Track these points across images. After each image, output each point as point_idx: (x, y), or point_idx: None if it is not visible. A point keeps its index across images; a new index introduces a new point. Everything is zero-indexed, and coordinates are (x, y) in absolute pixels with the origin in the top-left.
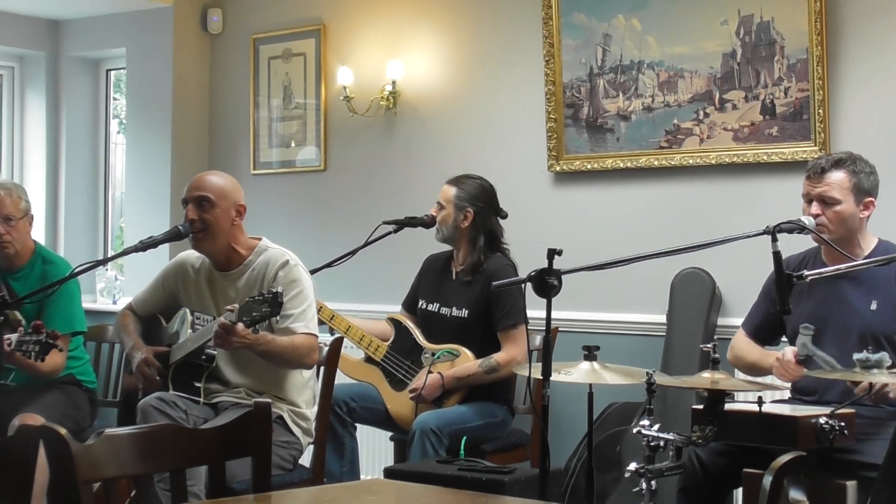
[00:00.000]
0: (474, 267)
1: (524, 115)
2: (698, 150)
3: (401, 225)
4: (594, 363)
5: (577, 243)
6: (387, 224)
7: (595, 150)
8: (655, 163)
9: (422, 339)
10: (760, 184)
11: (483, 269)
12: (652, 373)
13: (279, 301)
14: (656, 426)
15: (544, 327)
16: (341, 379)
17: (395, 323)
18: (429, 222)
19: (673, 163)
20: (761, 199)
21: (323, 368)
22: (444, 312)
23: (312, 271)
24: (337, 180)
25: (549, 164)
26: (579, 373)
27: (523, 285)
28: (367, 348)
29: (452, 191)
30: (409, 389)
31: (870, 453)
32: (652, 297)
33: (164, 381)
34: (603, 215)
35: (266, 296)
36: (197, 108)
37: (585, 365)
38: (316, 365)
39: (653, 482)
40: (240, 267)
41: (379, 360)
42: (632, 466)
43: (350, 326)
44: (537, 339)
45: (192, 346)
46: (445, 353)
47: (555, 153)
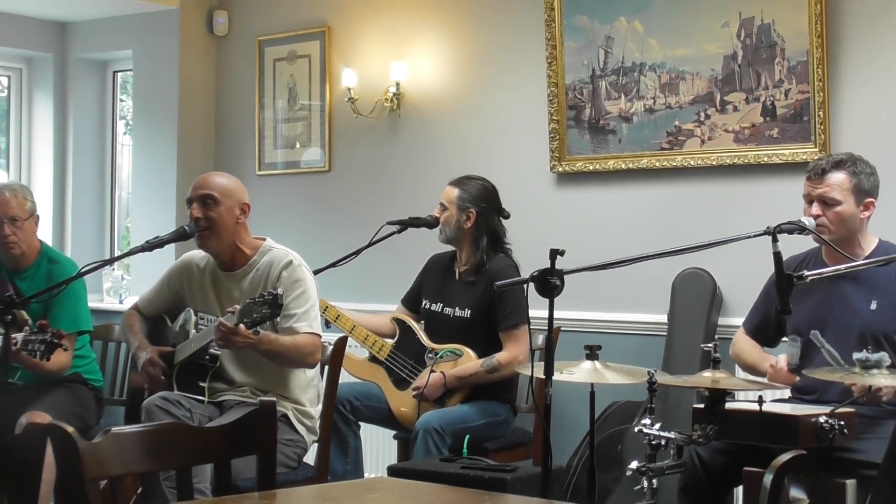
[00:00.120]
0: (477, 267)
1: (527, 116)
2: (699, 151)
3: (404, 225)
4: (596, 362)
5: (579, 244)
6: (390, 224)
7: (597, 152)
8: (657, 164)
9: (425, 338)
10: (761, 185)
11: (486, 270)
12: (653, 372)
13: (279, 302)
14: (657, 425)
15: (547, 327)
16: (345, 378)
17: (400, 323)
18: (432, 223)
19: (674, 164)
20: (762, 199)
21: (327, 367)
22: (447, 312)
23: (317, 271)
24: (341, 181)
25: (551, 164)
26: (581, 372)
27: (526, 285)
28: (371, 348)
29: (455, 192)
30: (412, 388)
31: (869, 452)
32: (653, 297)
33: (168, 380)
34: (605, 216)
35: (266, 297)
36: (203, 109)
37: (587, 364)
38: (320, 364)
39: (654, 480)
40: (244, 267)
41: (383, 360)
42: (633, 465)
43: (355, 326)
44: (540, 339)
45: (196, 346)
46: (448, 353)
47: (557, 154)
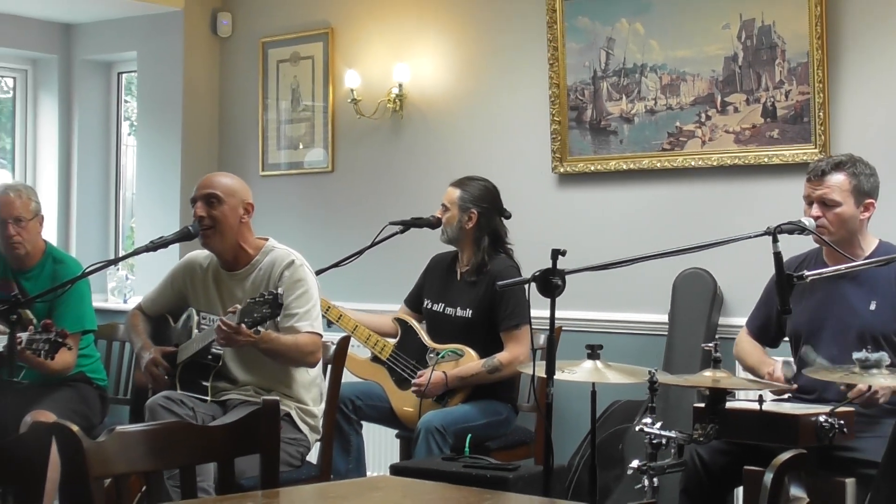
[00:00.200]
0: (478, 267)
1: (528, 117)
2: (700, 152)
3: (407, 225)
4: (597, 362)
5: (581, 244)
6: (393, 225)
7: (598, 152)
8: (658, 164)
9: (427, 339)
10: (761, 185)
11: (487, 270)
12: (654, 371)
13: (279, 302)
14: (658, 424)
15: (548, 327)
16: (347, 378)
17: (402, 323)
18: (434, 223)
19: (675, 165)
20: (762, 200)
21: (330, 367)
22: (448, 312)
23: (320, 271)
24: (344, 181)
25: (552, 165)
26: (582, 371)
27: (528, 285)
28: (373, 348)
29: (457, 193)
30: (413, 383)
31: (869, 451)
32: (654, 296)
33: (171, 380)
34: (606, 216)
35: (266, 297)
36: (207, 110)
37: (588, 364)
38: (323, 363)
39: (655, 479)
40: (247, 267)
41: (385, 360)
42: (634, 464)
43: (357, 326)
44: (541, 339)
45: (199, 345)
46: (450, 353)
47: (559, 155)
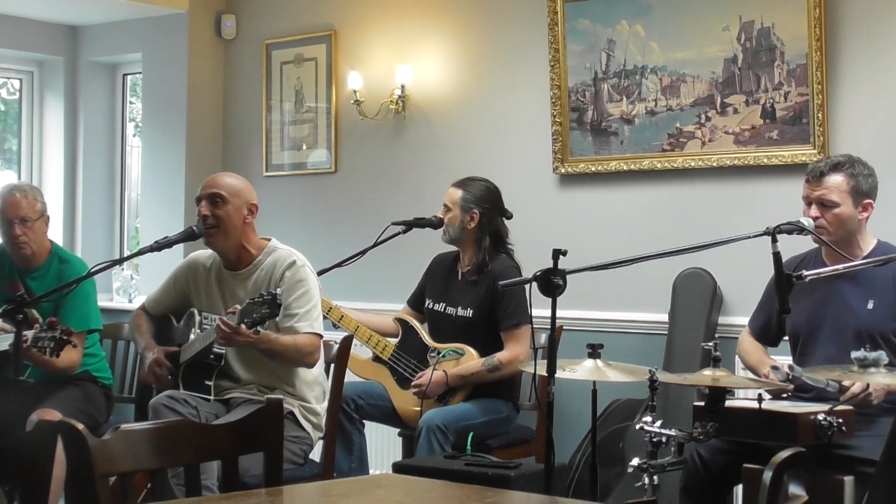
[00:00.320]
0: (479, 267)
1: (530, 118)
2: (700, 153)
3: (409, 226)
4: (598, 361)
5: (582, 244)
6: (395, 225)
7: (599, 153)
8: (658, 165)
9: (428, 338)
10: (761, 186)
11: (488, 270)
12: (654, 370)
13: (278, 302)
14: (658, 422)
15: (549, 326)
16: (349, 377)
17: (403, 323)
18: (436, 223)
19: (675, 165)
20: (761, 200)
21: (333, 366)
22: (449, 312)
23: (323, 271)
24: (347, 182)
25: (554, 166)
26: (583, 370)
27: (529, 285)
28: (374, 348)
29: (458, 193)
30: (413, 384)
31: (867, 449)
32: (654, 296)
33: (174, 380)
34: (607, 216)
35: (266, 297)
36: (211, 111)
37: (589, 362)
38: (326, 362)
39: (655, 477)
40: (249, 266)
41: (386, 360)
42: (634, 462)
43: (358, 327)
44: (542, 338)
45: (200, 345)
46: (451, 352)
47: (560, 156)
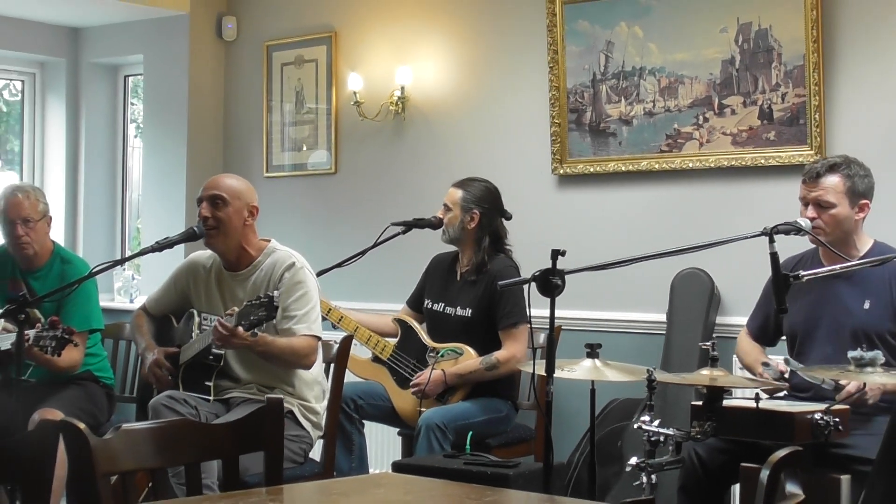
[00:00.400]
0: (478, 267)
1: (529, 119)
2: (698, 153)
3: (409, 226)
4: (596, 360)
5: (580, 244)
6: (395, 225)
7: (598, 154)
8: (656, 166)
9: (426, 338)
10: (758, 187)
11: (487, 270)
12: (652, 370)
13: (275, 305)
14: (656, 422)
15: (548, 326)
16: (349, 378)
17: (401, 323)
18: (436, 224)
19: (673, 166)
20: (759, 201)
21: (333, 366)
22: (448, 312)
23: (323, 271)
24: (347, 183)
25: (552, 167)
26: (582, 370)
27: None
28: (373, 348)
29: (459, 193)
30: (411, 384)
31: (863, 448)
32: (652, 296)
33: (174, 381)
34: (605, 217)
35: (262, 300)
36: (212, 112)
37: (588, 362)
38: (326, 362)
39: (653, 476)
40: (248, 267)
41: (386, 360)
42: (633, 461)
43: (358, 327)
44: (541, 338)
45: (199, 346)
46: (449, 352)
47: (558, 156)
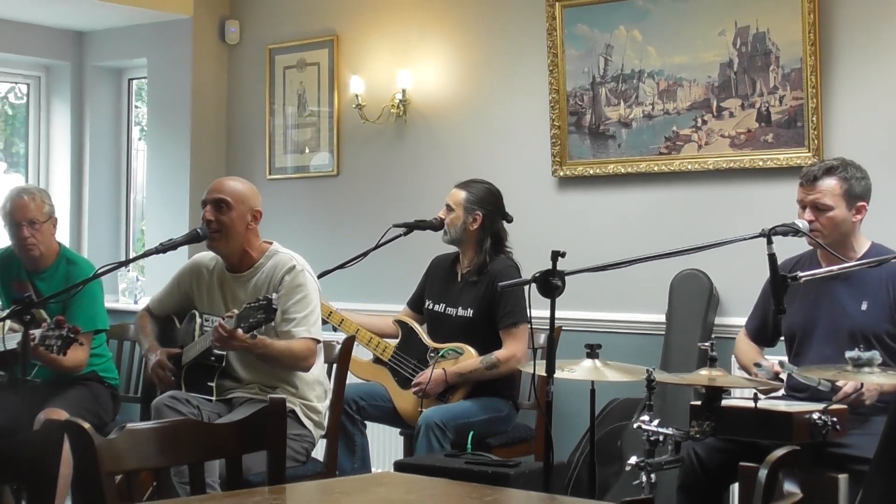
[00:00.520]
0: (479, 268)
1: (529, 122)
2: (696, 156)
3: (410, 227)
4: (596, 361)
5: (580, 245)
6: (397, 227)
7: (597, 156)
8: (655, 168)
9: (427, 339)
10: (756, 188)
11: (488, 270)
12: (652, 370)
13: (273, 307)
14: (656, 421)
15: (548, 326)
16: (351, 379)
17: (402, 325)
18: (437, 225)
19: (672, 168)
20: (757, 203)
21: (336, 366)
22: (449, 312)
23: (325, 272)
24: (349, 185)
25: (552, 169)
26: (582, 370)
27: (528, 286)
28: (375, 349)
29: (462, 194)
30: (413, 383)
31: (861, 447)
32: (652, 297)
33: (177, 381)
34: (605, 218)
35: (261, 302)
36: (215, 115)
37: (588, 362)
38: (328, 363)
39: (652, 475)
40: (250, 269)
41: (387, 361)
42: (632, 460)
43: (359, 330)
44: (542, 338)
45: (201, 347)
46: (450, 352)
47: (558, 159)
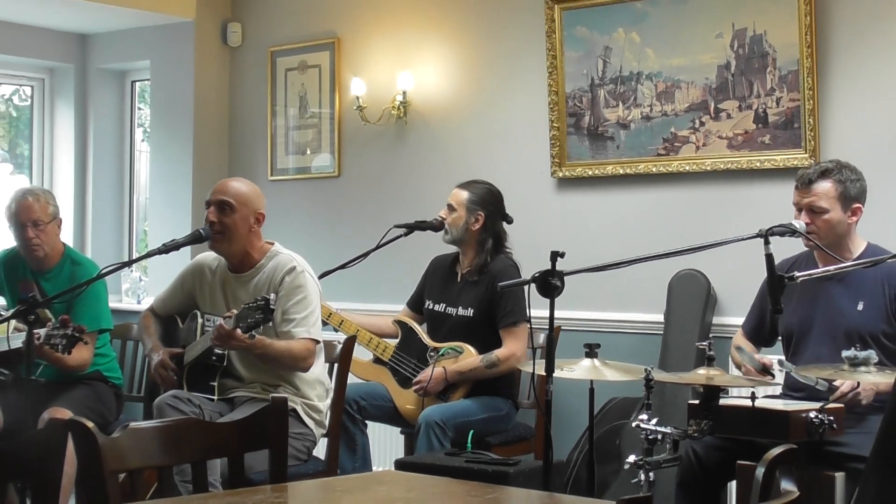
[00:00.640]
0: (480, 268)
1: (528, 123)
2: (694, 157)
3: (411, 228)
4: (595, 360)
5: (579, 246)
6: (397, 227)
7: (596, 157)
8: (653, 169)
9: (427, 338)
10: (753, 189)
11: (488, 270)
12: (650, 369)
13: (270, 307)
14: (654, 420)
15: (548, 326)
16: (351, 379)
17: (402, 325)
18: (437, 226)
19: (670, 169)
20: (754, 203)
21: (337, 366)
22: (449, 312)
23: (326, 272)
24: (350, 186)
25: (552, 170)
26: (581, 369)
27: (527, 286)
28: (375, 350)
29: (465, 194)
30: (413, 382)
31: (857, 446)
32: (650, 297)
33: (179, 381)
34: (603, 219)
35: (259, 302)
36: (217, 117)
37: (587, 362)
38: (330, 362)
39: (651, 473)
40: (251, 270)
41: (387, 361)
42: (631, 458)
43: (358, 330)
44: (541, 338)
45: (202, 347)
46: (450, 350)
47: (557, 160)
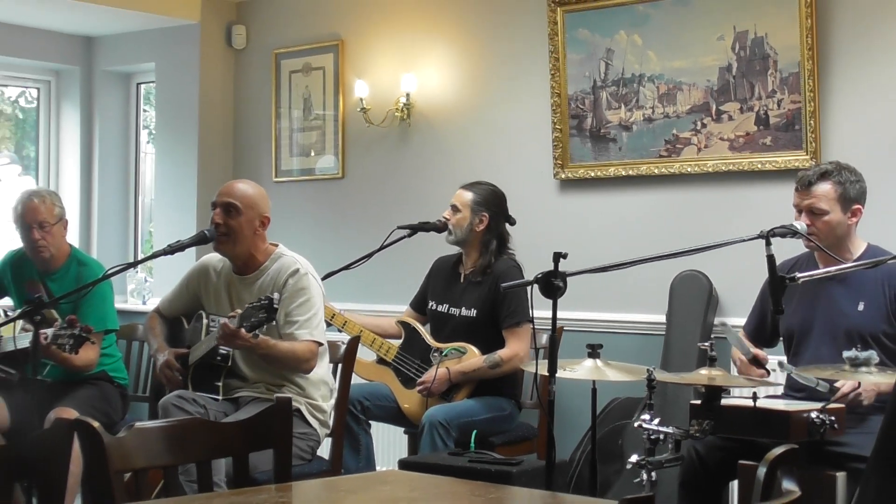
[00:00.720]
0: (483, 269)
1: (531, 125)
2: (696, 158)
3: (414, 229)
4: (597, 360)
5: (582, 247)
6: (401, 229)
7: (598, 159)
8: (655, 171)
9: (430, 339)
10: (755, 191)
11: (491, 271)
12: (652, 370)
13: (273, 307)
14: (656, 420)
15: (550, 326)
16: (355, 380)
17: (405, 325)
18: (441, 227)
19: (672, 171)
20: (756, 205)
21: (341, 366)
22: (453, 312)
23: (330, 273)
24: (354, 187)
25: (554, 171)
26: (583, 370)
27: (530, 287)
28: (378, 350)
29: (469, 195)
30: (418, 383)
31: (858, 446)
32: (652, 297)
33: (184, 380)
34: (606, 220)
35: (263, 302)
36: (222, 119)
37: (589, 362)
38: (334, 363)
39: (653, 473)
40: (256, 272)
41: (390, 361)
42: (633, 458)
43: (362, 331)
44: (544, 338)
45: (207, 347)
46: (453, 351)
47: (560, 161)
